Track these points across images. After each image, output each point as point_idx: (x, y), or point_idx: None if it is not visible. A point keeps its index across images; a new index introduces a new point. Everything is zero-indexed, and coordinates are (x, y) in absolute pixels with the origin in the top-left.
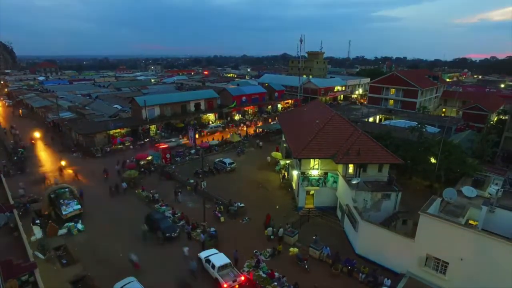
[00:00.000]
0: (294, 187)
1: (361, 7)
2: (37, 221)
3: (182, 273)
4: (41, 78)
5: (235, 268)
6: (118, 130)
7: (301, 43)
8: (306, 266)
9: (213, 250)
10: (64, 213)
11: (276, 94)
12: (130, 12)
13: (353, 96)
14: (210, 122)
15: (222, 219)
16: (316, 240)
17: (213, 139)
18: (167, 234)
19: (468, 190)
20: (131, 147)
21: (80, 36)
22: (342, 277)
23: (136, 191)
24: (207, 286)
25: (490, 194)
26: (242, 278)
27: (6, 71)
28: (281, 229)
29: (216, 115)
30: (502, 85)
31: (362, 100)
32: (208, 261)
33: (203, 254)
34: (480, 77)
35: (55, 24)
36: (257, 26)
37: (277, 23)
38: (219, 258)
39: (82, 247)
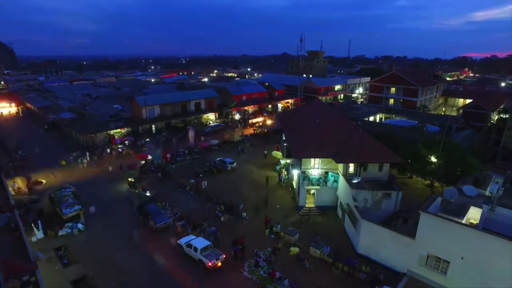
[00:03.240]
0: (294, 187)
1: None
2: (38, 221)
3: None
4: (41, 79)
5: (216, 249)
6: (118, 130)
7: (301, 42)
8: (307, 266)
9: (191, 236)
10: (65, 213)
11: (276, 93)
12: (135, 10)
13: (353, 95)
14: (211, 122)
15: (222, 218)
16: (316, 239)
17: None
18: (157, 225)
19: (469, 189)
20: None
21: (82, 37)
22: (343, 277)
23: (137, 191)
24: (191, 268)
25: (491, 193)
26: (224, 256)
27: (6, 71)
28: (278, 225)
29: (216, 114)
30: (503, 84)
31: (361, 100)
32: (189, 245)
33: (183, 240)
34: (480, 75)
35: (58, 25)
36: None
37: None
38: (200, 242)
39: (83, 247)
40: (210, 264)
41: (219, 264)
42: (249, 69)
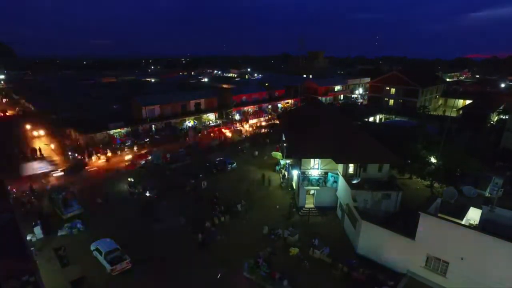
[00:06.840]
0: (294, 187)
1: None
2: (38, 222)
3: None
4: (41, 79)
5: (123, 252)
6: (118, 130)
7: (301, 43)
8: (307, 266)
9: (105, 240)
10: (64, 213)
11: (276, 93)
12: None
13: (353, 95)
14: (210, 122)
15: (222, 219)
16: (316, 240)
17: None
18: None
19: (468, 190)
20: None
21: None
22: (342, 277)
23: (137, 191)
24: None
25: (490, 194)
26: (128, 259)
27: (6, 71)
28: (279, 230)
29: (216, 114)
30: (503, 85)
31: (361, 101)
32: (97, 249)
33: (93, 245)
34: (480, 76)
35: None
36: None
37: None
38: (105, 244)
39: (83, 247)
40: (112, 269)
41: (124, 269)
42: (249, 69)
